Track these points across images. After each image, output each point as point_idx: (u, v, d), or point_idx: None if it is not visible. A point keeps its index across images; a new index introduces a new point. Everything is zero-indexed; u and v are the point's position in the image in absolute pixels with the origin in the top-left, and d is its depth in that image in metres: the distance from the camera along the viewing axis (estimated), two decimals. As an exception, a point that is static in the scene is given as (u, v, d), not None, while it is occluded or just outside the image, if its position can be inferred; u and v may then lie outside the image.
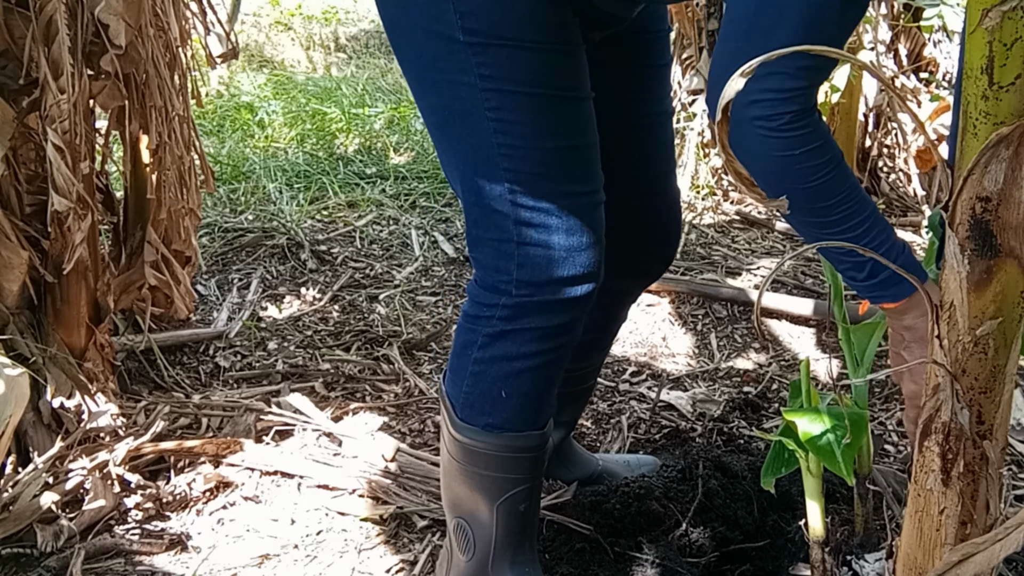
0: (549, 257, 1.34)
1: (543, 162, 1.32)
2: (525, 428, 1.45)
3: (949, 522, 0.97)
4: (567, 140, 1.33)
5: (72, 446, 1.97)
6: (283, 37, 7.14)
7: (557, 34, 1.30)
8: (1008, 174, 0.85)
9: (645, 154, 1.59)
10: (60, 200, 1.94)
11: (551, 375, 1.44)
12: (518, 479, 1.48)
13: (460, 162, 1.37)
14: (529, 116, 1.30)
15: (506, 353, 1.40)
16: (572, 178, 1.34)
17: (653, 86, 1.56)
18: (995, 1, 0.79)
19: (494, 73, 1.28)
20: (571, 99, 1.34)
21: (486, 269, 1.39)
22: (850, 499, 1.48)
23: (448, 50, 1.29)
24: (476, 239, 1.39)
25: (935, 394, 0.95)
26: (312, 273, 3.14)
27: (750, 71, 0.82)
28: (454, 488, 1.54)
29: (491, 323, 1.39)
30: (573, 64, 1.34)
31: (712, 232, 3.53)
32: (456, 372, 1.47)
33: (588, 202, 1.36)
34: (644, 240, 1.65)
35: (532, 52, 1.29)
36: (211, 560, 1.76)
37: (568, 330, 1.40)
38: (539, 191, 1.32)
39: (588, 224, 1.35)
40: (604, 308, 1.70)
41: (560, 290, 1.36)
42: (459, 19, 1.27)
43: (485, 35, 1.27)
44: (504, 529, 1.51)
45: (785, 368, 2.53)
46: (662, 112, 1.58)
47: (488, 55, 1.28)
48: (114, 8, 2.01)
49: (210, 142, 4.63)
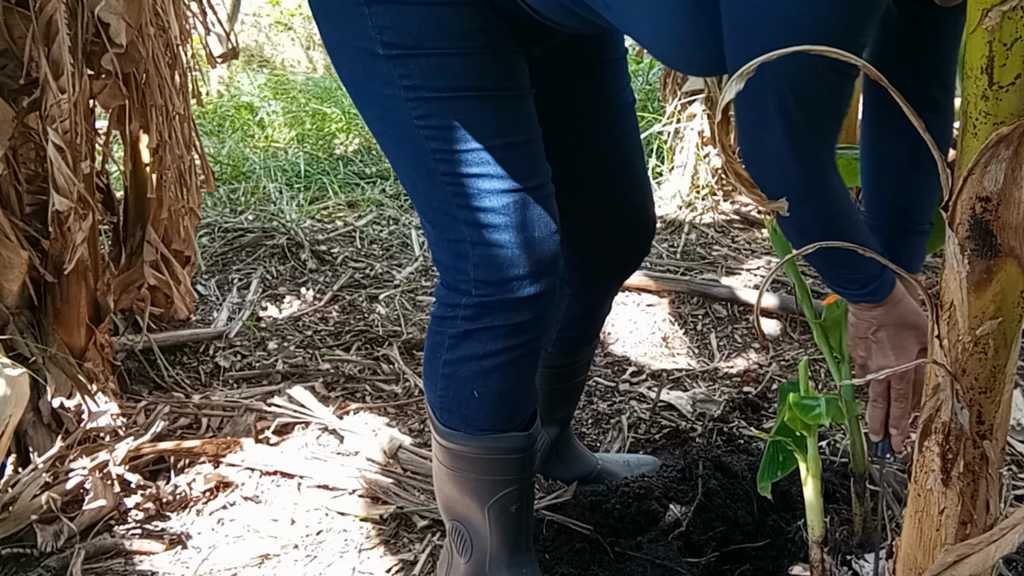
0: (503, 255, 1.35)
1: (480, 162, 1.33)
2: (503, 427, 1.45)
3: (949, 522, 0.96)
4: (501, 138, 1.34)
5: (72, 446, 1.97)
6: (283, 37, 7.15)
7: (479, 38, 1.31)
8: (1008, 174, 0.85)
9: (610, 147, 1.60)
10: (61, 200, 1.94)
11: (521, 371, 1.44)
12: (506, 480, 1.48)
13: (405, 170, 1.39)
14: (456, 119, 1.31)
15: (472, 353, 1.41)
16: (513, 174, 1.34)
17: (608, 81, 1.57)
18: (995, 1, 0.79)
19: (416, 83, 1.30)
20: (499, 97, 1.35)
21: (447, 270, 1.41)
22: (850, 499, 1.48)
23: (373, 64, 1.32)
24: (434, 242, 1.42)
25: (935, 394, 0.95)
26: (312, 273, 3.14)
27: (750, 71, 0.82)
28: (446, 492, 1.55)
29: (455, 324, 1.41)
30: (500, 63, 1.34)
31: (712, 232, 3.53)
32: (429, 377, 1.48)
33: (534, 197, 1.36)
34: (619, 232, 1.66)
35: (449, 58, 1.30)
36: (211, 560, 1.76)
37: (533, 326, 1.40)
38: (481, 191, 1.33)
39: (538, 218, 1.36)
40: (585, 303, 1.72)
41: (518, 286, 1.36)
42: (377, 33, 1.29)
43: (403, 47, 1.29)
44: (497, 530, 1.51)
45: (785, 368, 2.53)
46: (621, 104, 1.59)
47: (408, 66, 1.30)
48: (114, 7, 2.01)
49: (210, 142, 4.63)
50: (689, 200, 3.74)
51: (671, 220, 3.65)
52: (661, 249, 3.37)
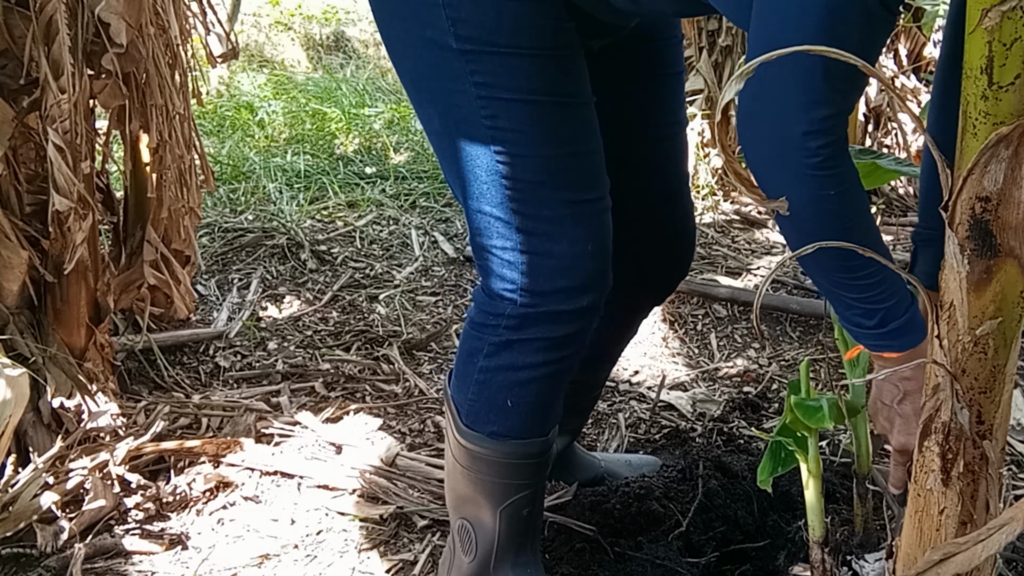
0: (553, 266, 1.32)
1: (542, 169, 1.30)
2: (529, 436, 1.44)
3: (949, 522, 0.97)
4: (566, 147, 1.31)
5: (72, 446, 1.97)
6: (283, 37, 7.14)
7: (552, 39, 1.28)
8: (1008, 174, 0.85)
9: (657, 166, 1.56)
10: (61, 200, 1.94)
11: (557, 385, 1.42)
12: (522, 484, 1.47)
13: (460, 170, 1.35)
14: (526, 124, 1.28)
15: (512, 363, 1.38)
16: (573, 185, 1.32)
17: (664, 97, 1.53)
18: (995, 1, 0.79)
19: (488, 81, 1.27)
20: (569, 105, 1.32)
21: (491, 277, 1.37)
22: (850, 499, 1.48)
23: (442, 58, 1.28)
24: (480, 247, 1.37)
25: (935, 394, 0.95)
26: (312, 273, 3.14)
27: (749, 71, 0.82)
28: (458, 490, 1.53)
29: (497, 332, 1.38)
30: (569, 69, 1.32)
31: (712, 232, 3.53)
32: (462, 379, 1.45)
33: (592, 209, 1.34)
34: (657, 254, 1.62)
35: (526, 59, 1.27)
36: (211, 560, 1.76)
37: (575, 340, 1.38)
38: (539, 199, 1.30)
39: (593, 231, 1.33)
40: (615, 322, 1.67)
41: (566, 299, 1.33)
42: (452, 26, 1.25)
43: (478, 42, 1.26)
44: (507, 532, 1.50)
45: (785, 368, 2.53)
46: (674, 123, 1.55)
47: (481, 62, 1.26)
48: (114, 7, 2.01)
49: (210, 142, 4.63)
50: (689, 200, 3.73)
51: (671, 220, 3.64)
52: (661, 249, 3.37)
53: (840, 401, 1.32)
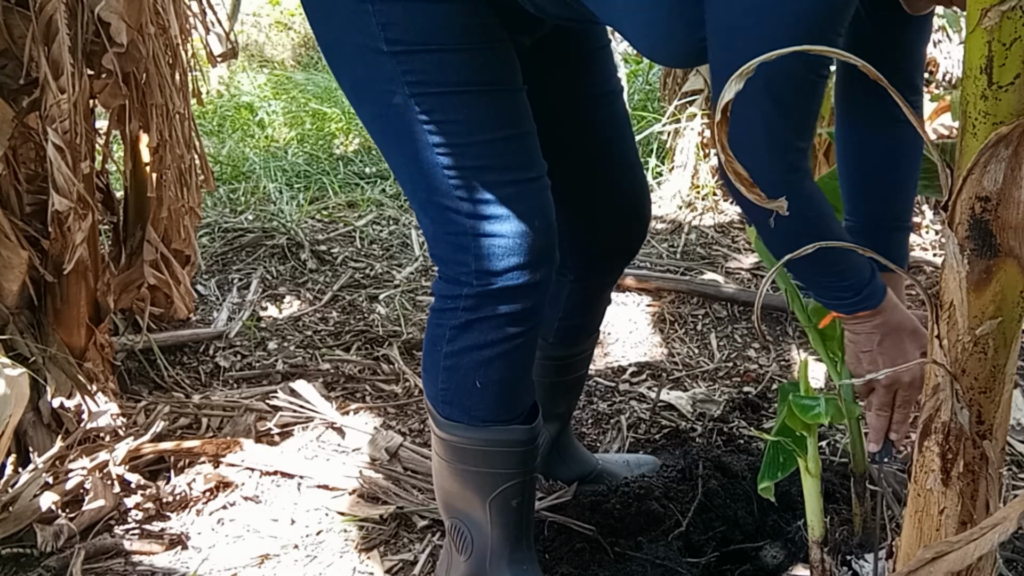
0: (503, 245, 1.37)
1: (481, 155, 1.36)
2: (504, 417, 1.47)
3: (949, 522, 0.96)
4: (502, 131, 1.37)
5: (72, 446, 1.97)
6: (283, 37, 7.15)
7: (478, 34, 1.35)
8: (1007, 174, 0.85)
9: (602, 134, 1.62)
10: (60, 200, 1.94)
11: (522, 360, 1.46)
12: (508, 474, 1.49)
13: (405, 166, 1.41)
14: (459, 114, 1.34)
15: (474, 343, 1.42)
16: (513, 166, 1.38)
17: (596, 68, 1.59)
18: (994, 1, 0.79)
19: (420, 79, 1.32)
20: (499, 91, 1.38)
21: (446, 263, 1.43)
22: (850, 499, 1.48)
23: (375, 61, 1.34)
24: (433, 236, 1.43)
25: (935, 394, 0.95)
26: (312, 273, 3.14)
27: (749, 71, 0.82)
28: (446, 488, 1.55)
29: (456, 315, 1.42)
30: (498, 59, 1.38)
31: (712, 232, 3.53)
32: (430, 370, 1.49)
33: (534, 187, 1.40)
34: (614, 217, 1.67)
35: (454, 53, 1.33)
36: (211, 560, 1.76)
37: (532, 314, 1.43)
38: (483, 183, 1.36)
39: (537, 208, 1.39)
40: (585, 290, 1.74)
41: (518, 276, 1.39)
42: (381, 30, 1.31)
43: (407, 43, 1.31)
44: (499, 525, 1.51)
45: (785, 368, 2.53)
46: (611, 91, 1.61)
47: (412, 62, 1.32)
48: (114, 7, 2.01)
49: (210, 142, 4.63)
50: (689, 200, 3.74)
51: (671, 220, 3.65)
52: (661, 249, 3.37)
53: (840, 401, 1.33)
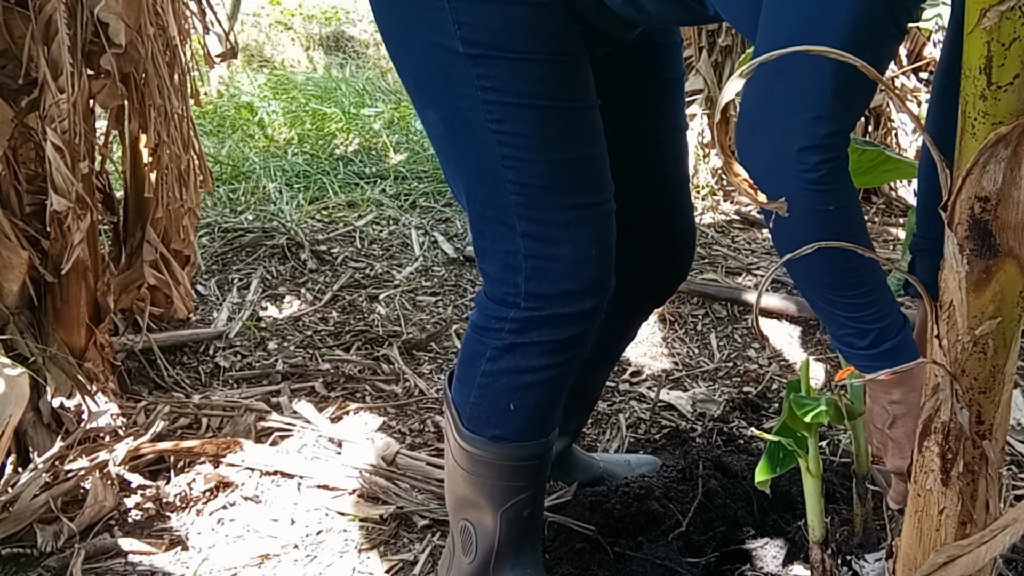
0: (557, 270, 1.32)
1: (548, 174, 1.30)
2: (531, 439, 1.44)
3: (949, 522, 0.96)
4: (572, 151, 1.31)
5: (72, 446, 1.97)
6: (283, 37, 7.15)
7: (557, 44, 1.28)
8: (1007, 174, 0.85)
9: (658, 169, 1.56)
10: (60, 200, 1.94)
11: (559, 388, 1.43)
12: (523, 487, 1.47)
13: (464, 174, 1.35)
14: (532, 128, 1.28)
15: (515, 367, 1.38)
16: (579, 189, 1.32)
17: (663, 100, 1.54)
18: (993, 1, 0.79)
19: (495, 85, 1.27)
20: (574, 109, 1.32)
21: (494, 281, 1.38)
22: (850, 499, 1.48)
23: (448, 62, 1.28)
24: (483, 250, 1.38)
25: (934, 394, 0.95)
26: (312, 273, 3.14)
27: (749, 71, 0.82)
28: (458, 492, 1.53)
29: (500, 336, 1.38)
30: (575, 74, 1.32)
31: (712, 232, 3.53)
32: (464, 382, 1.45)
33: (596, 213, 1.34)
34: (658, 257, 1.63)
35: (532, 63, 1.27)
36: (211, 560, 1.76)
37: (577, 343, 1.38)
38: (545, 203, 1.30)
39: (597, 235, 1.33)
40: (616, 325, 1.68)
41: (569, 302, 1.34)
42: (458, 30, 1.25)
43: (485, 46, 1.25)
44: (507, 534, 1.51)
45: (785, 368, 2.53)
46: (674, 127, 1.56)
47: (489, 67, 1.26)
48: (113, 7, 2.01)
49: (210, 142, 4.63)
50: (689, 200, 3.73)
51: (671, 220, 3.64)
52: (661, 249, 3.37)
53: (840, 401, 1.32)
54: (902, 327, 1.15)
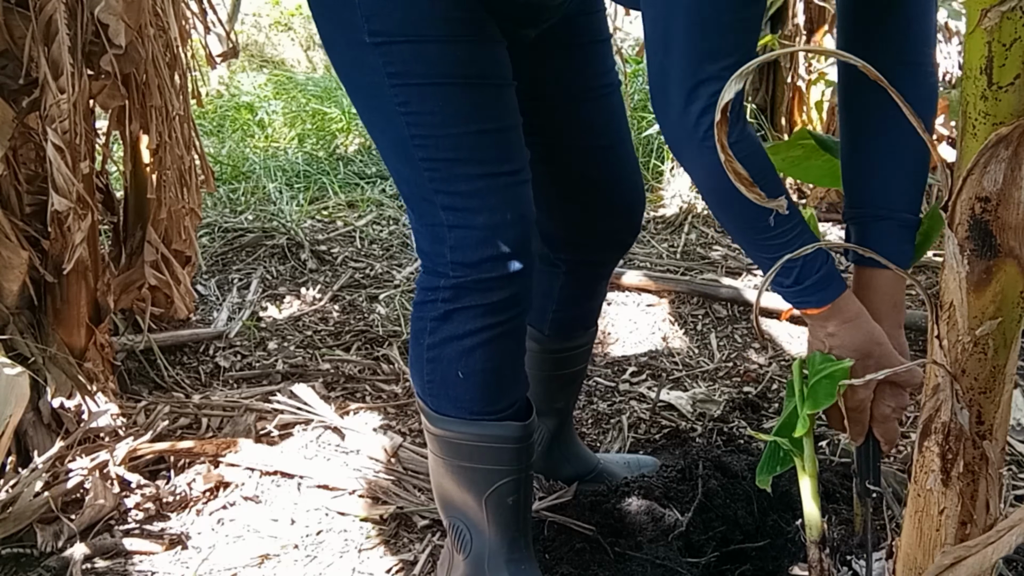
0: (476, 237, 1.38)
1: (454, 147, 1.37)
2: (492, 410, 1.47)
3: (949, 522, 0.97)
4: (478, 124, 1.37)
5: (72, 446, 1.97)
6: (283, 37, 7.15)
7: (462, 28, 1.35)
8: (1007, 174, 0.85)
9: (597, 126, 1.63)
10: (60, 200, 1.94)
11: (503, 351, 1.47)
12: (502, 471, 1.49)
13: (389, 157, 1.44)
14: (435, 105, 1.35)
15: (453, 333, 1.44)
16: (487, 160, 1.38)
17: (595, 61, 1.61)
18: (994, 1, 0.79)
19: (399, 70, 1.33)
20: (479, 86, 1.38)
21: (427, 256, 1.46)
22: (849, 499, 1.48)
23: (360, 53, 1.35)
24: (416, 229, 1.46)
25: (935, 394, 0.95)
26: (312, 273, 3.14)
27: (749, 71, 0.82)
28: (444, 486, 1.56)
29: (435, 307, 1.45)
30: (480, 52, 1.38)
31: (712, 232, 3.53)
32: (415, 364, 1.51)
33: (507, 181, 1.40)
34: (609, 210, 1.68)
35: (433, 44, 1.34)
36: (211, 560, 1.76)
37: (511, 304, 1.43)
38: (455, 175, 1.37)
39: (509, 202, 1.40)
40: (580, 282, 1.74)
41: (493, 267, 1.40)
42: (365, 22, 1.32)
43: (388, 34, 1.32)
44: (495, 524, 1.52)
45: (785, 368, 2.52)
46: (607, 84, 1.62)
47: (392, 53, 1.33)
48: (114, 8, 2.01)
49: (210, 142, 4.63)
50: (689, 200, 3.73)
51: (671, 220, 3.65)
52: (661, 249, 3.37)
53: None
54: (825, 262, 1.23)
